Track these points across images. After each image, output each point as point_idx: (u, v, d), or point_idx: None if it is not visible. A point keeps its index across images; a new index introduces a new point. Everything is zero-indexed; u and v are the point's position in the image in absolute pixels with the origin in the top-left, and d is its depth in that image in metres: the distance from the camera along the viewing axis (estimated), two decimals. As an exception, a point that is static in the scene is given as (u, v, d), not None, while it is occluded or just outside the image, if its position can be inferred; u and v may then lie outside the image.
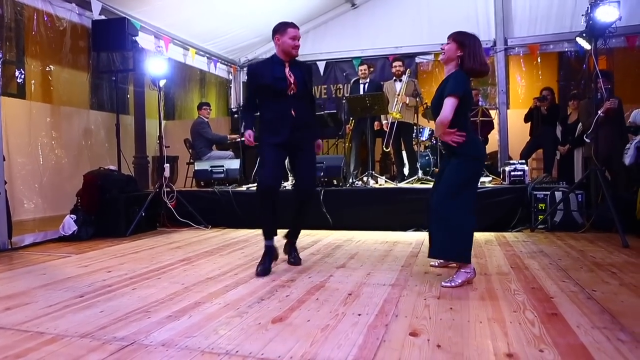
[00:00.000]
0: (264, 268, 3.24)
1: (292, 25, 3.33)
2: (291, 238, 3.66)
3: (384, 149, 6.52)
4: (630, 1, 6.27)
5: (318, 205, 5.24)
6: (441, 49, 2.98)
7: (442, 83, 2.92)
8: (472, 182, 2.90)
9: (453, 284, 2.77)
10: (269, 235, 3.40)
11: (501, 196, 5.08)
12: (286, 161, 3.69)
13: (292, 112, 3.28)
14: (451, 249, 2.83)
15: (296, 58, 3.38)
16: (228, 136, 7.28)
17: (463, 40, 2.84)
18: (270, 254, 3.37)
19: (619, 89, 5.94)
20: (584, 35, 4.78)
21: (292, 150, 3.39)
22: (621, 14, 4.28)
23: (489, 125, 7.10)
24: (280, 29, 3.32)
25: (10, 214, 4.34)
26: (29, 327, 2.20)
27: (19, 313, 2.42)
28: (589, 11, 4.42)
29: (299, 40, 3.33)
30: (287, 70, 3.30)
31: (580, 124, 5.98)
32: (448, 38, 2.92)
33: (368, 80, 6.55)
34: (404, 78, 6.23)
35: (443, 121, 2.75)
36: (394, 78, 6.42)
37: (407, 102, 6.14)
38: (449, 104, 2.74)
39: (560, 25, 6.76)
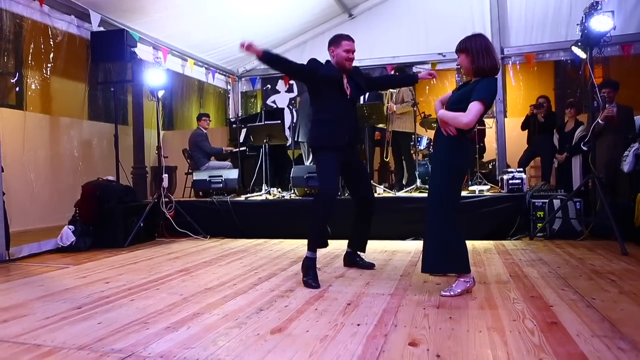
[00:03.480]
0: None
1: (346, 37, 3.35)
2: (362, 249, 3.72)
3: (384, 159, 6.53)
4: (624, 10, 6.34)
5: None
6: (457, 65, 2.95)
7: (471, 83, 2.84)
8: (455, 188, 2.87)
9: (452, 293, 2.76)
10: (318, 246, 3.34)
11: (500, 204, 5.08)
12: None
13: (349, 112, 3.37)
14: (448, 261, 2.79)
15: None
16: (224, 148, 7.32)
17: (465, 46, 2.81)
18: (315, 267, 3.27)
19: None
20: (579, 44, 4.82)
21: (347, 160, 3.38)
22: (615, 23, 4.33)
23: (481, 133, 7.13)
24: (335, 41, 3.35)
25: (7, 224, 4.33)
26: (26, 340, 2.18)
27: (16, 325, 2.41)
28: (583, 21, 4.46)
29: (353, 53, 3.33)
30: (345, 81, 3.34)
31: (578, 131, 6.01)
32: (456, 52, 2.88)
33: (368, 89, 6.57)
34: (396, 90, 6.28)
35: (467, 124, 2.67)
36: None
37: (394, 110, 6.18)
38: (475, 110, 2.64)
39: (555, 34, 6.82)
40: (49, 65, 6.25)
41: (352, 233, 3.69)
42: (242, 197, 5.97)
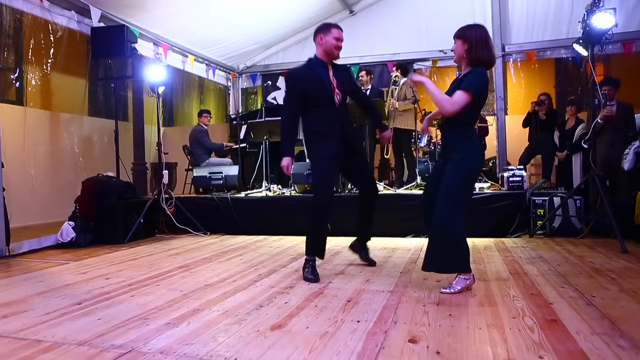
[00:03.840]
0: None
1: (336, 26, 3.28)
2: (365, 244, 3.65)
3: (384, 156, 6.52)
4: (626, 8, 6.33)
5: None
6: (452, 50, 2.93)
7: (461, 78, 2.87)
8: (468, 188, 2.87)
9: (452, 290, 2.76)
10: (319, 255, 3.30)
11: (500, 202, 5.08)
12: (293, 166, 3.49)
13: (339, 120, 3.22)
14: (449, 260, 2.77)
15: (335, 61, 3.30)
16: (225, 144, 7.32)
17: (464, 33, 2.81)
18: (314, 263, 3.26)
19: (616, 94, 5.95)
20: (581, 41, 4.81)
21: (345, 157, 3.28)
22: (617, 20, 4.31)
23: (484, 130, 7.14)
24: (324, 29, 3.25)
25: (8, 220, 4.33)
26: (26, 335, 2.19)
27: (16, 321, 2.41)
28: (585, 18, 4.45)
29: (341, 42, 3.26)
30: (330, 73, 3.23)
31: (578, 128, 6.01)
32: (454, 38, 2.87)
33: (370, 86, 6.56)
34: (400, 81, 6.26)
35: (450, 113, 2.69)
36: (392, 82, 6.46)
37: (397, 106, 6.16)
38: (460, 100, 2.67)
39: (557, 31, 6.81)
40: (49, 61, 6.23)
41: (358, 223, 3.61)
42: (242, 194, 5.97)
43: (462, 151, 2.78)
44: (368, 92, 6.43)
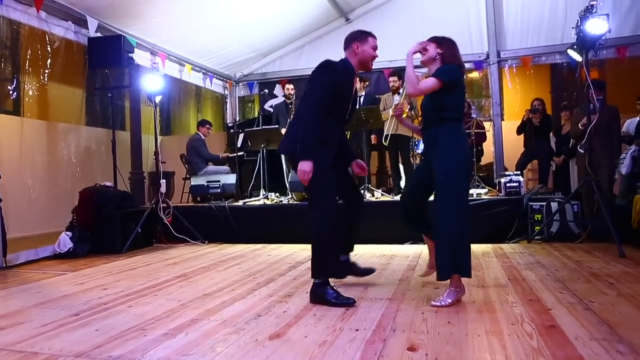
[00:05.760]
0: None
1: (371, 34, 2.97)
2: (351, 248, 3.25)
3: (383, 142, 6.39)
4: (619, 13, 6.38)
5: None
6: (421, 51, 2.86)
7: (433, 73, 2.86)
8: (463, 186, 2.81)
9: (443, 303, 2.63)
10: (335, 274, 2.99)
11: (497, 208, 5.09)
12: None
13: (339, 132, 3.01)
14: (452, 263, 2.64)
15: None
16: (221, 155, 7.33)
17: (437, 39, 2.86)
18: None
19: (611, 99, 6.00)
20: (575, 47, 4.85)
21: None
22: (610, 26, 4.35)
23: (482, 136, 7.16)
24: (360, 36, 2.93)
25: (5, 231, 4.32)
26: (23, 347, 2.17)
27: (12, 333, 2.40)
28: (579, 24, 4.49)
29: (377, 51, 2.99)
30: (355, 86, 2.97)
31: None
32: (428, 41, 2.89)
33: (364, 93, 6.59)
34: (402, 91, 6.27)
35: (411, 93, 2.82)
36: (392, 92, 6.46)
37: (404, 108, 6.12)
38: (430, 82, 2.70)
39: (551, 37, 6.85)
40: (47, 71, 6.23)
41: (345, 237, 3.18)
42: (240, 202, 5.97)
43: (452, 151, 2.71)
44: (362, 99, 6.45)
